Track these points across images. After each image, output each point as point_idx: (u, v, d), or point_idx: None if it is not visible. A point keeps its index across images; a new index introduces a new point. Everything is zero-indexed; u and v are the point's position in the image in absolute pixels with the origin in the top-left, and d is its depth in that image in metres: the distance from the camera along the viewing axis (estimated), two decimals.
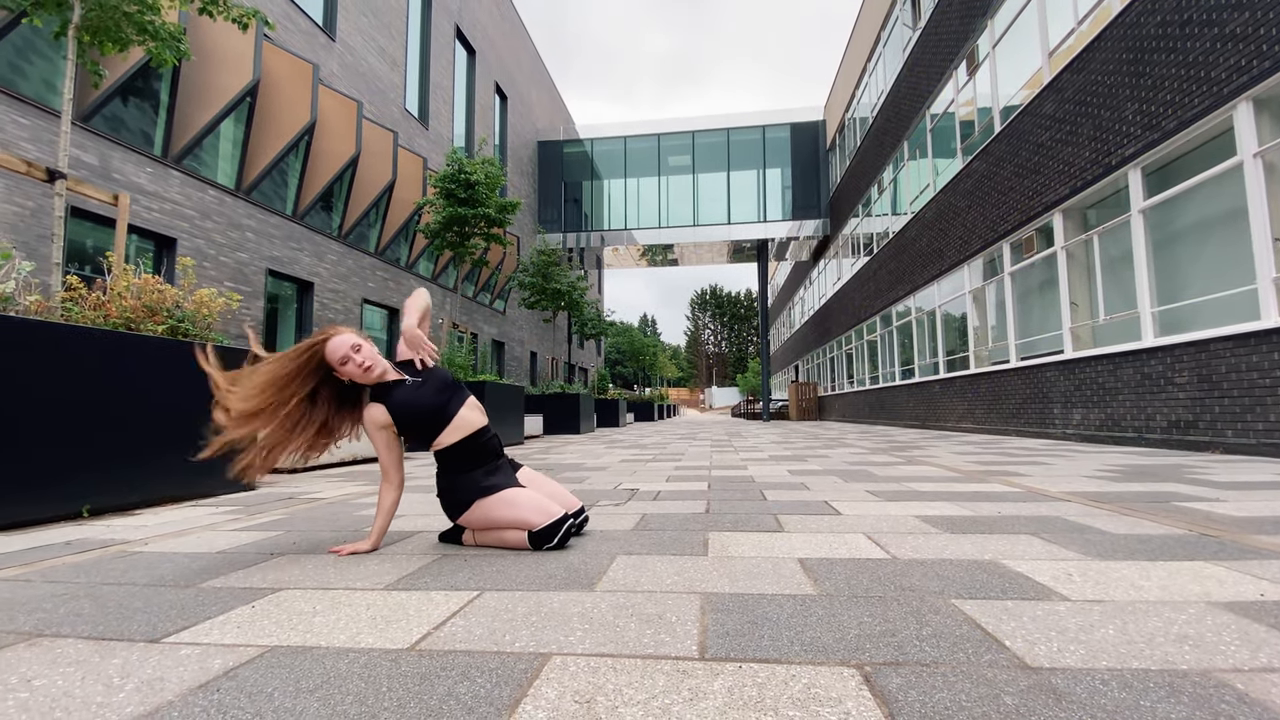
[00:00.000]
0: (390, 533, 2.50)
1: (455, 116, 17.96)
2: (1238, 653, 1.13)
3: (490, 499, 2.11)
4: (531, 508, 2.09)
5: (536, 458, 6.63)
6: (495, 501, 2.11)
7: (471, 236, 8.91)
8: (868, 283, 18.57)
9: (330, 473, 5.37)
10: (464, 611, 1.46)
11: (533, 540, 2.07)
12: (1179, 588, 1.54)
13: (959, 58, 11.80)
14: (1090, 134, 7.57)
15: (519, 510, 2.09)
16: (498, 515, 2.10)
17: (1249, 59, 5.18)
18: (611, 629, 1.32)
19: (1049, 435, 8.46)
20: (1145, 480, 3.73)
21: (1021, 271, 9.63)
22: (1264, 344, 5.07)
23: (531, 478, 2.33)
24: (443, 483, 2.19)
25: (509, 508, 2.09)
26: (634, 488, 3.83)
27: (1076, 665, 1.09)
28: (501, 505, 2.10)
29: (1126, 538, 2.15)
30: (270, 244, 10.82)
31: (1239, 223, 5.44)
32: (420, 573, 1.85)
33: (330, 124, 11.80)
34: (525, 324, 22.91)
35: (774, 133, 25.77)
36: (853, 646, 1.20)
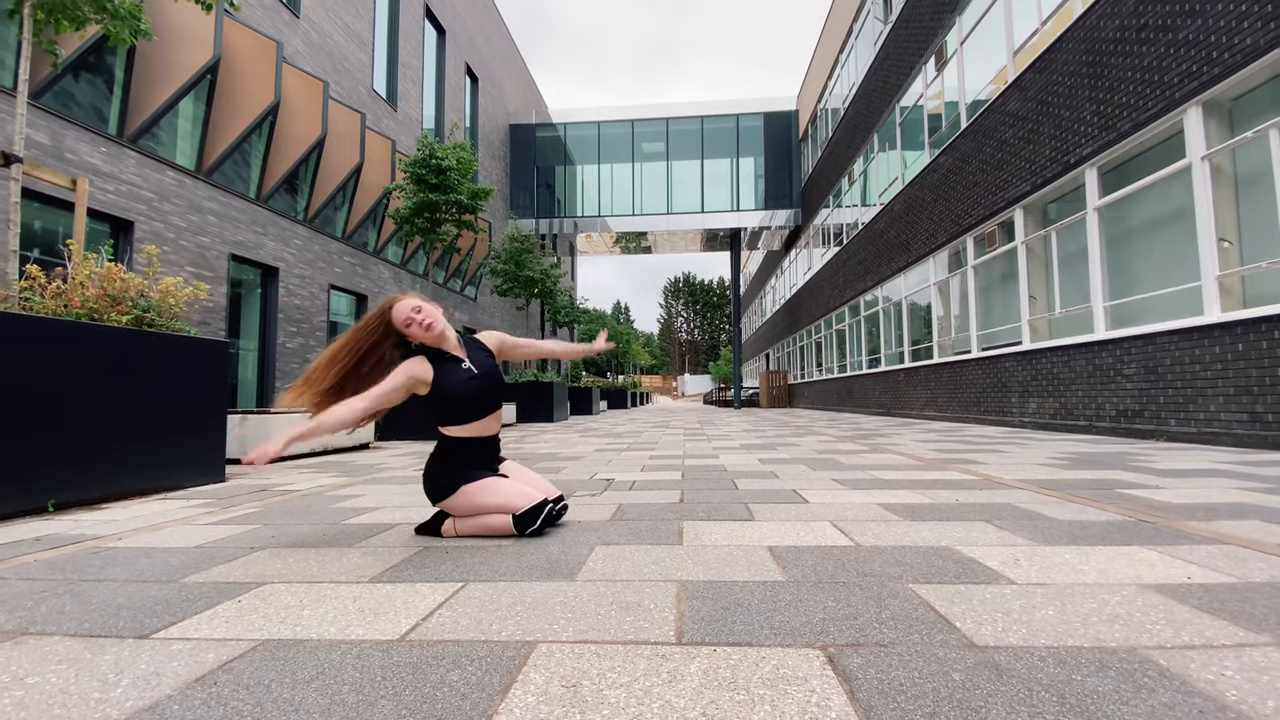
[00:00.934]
0: (369, 525, 2.53)
1: (425, 98, 17.57)
2: (1162, 631, 1.25)
3: (475, 484, 2.20)
4: (515, 493, 2.20)
5: (511, 447, 6.65)
6: (479, 488, 2.19)
7: (443, 223, 8.80)
8: (837, 273, 18.89)
9: (302, 464, 5.32)
10: (450, 603, 1.52)
11: (517, 523, 2.16)
12: (1115, 571, 1.68)
13: (928, 53, 12.01)
14: (1051, 132, 7.82)
15: (502, 495, 2.19)
16: (481, 500, 2.19)
17: (1200, 64, 5.43)
18: (593, 616, 1.39)
19: (1007, 423, 8.81)
20: (1093, 468, 3.95)
21: (984, 265, 9.94)
22: (1206, 338, 5.37)
23: (512, 468, 2.41)
24: (435, 465, 2.26)
25: (493, 494, 2.19)
26: (609, 477, 3.90)
27: (1018, 644, 1.20)
28: (485, 492, 2.19)
29: (1070, 524, 2.30)
30: (234, 228, 10.51)
31: (1187, 222, 5.73)
32: (404, 565, 1.89)
33: (295, 104, 11.46)
34: (498, 311, 22.70)
35: (748, 121, 25.85)
36: (818, 630, 1.29)
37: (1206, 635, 1.23)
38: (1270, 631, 1.23)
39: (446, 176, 8.34)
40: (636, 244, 31.48)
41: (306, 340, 11.96)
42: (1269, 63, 4.88)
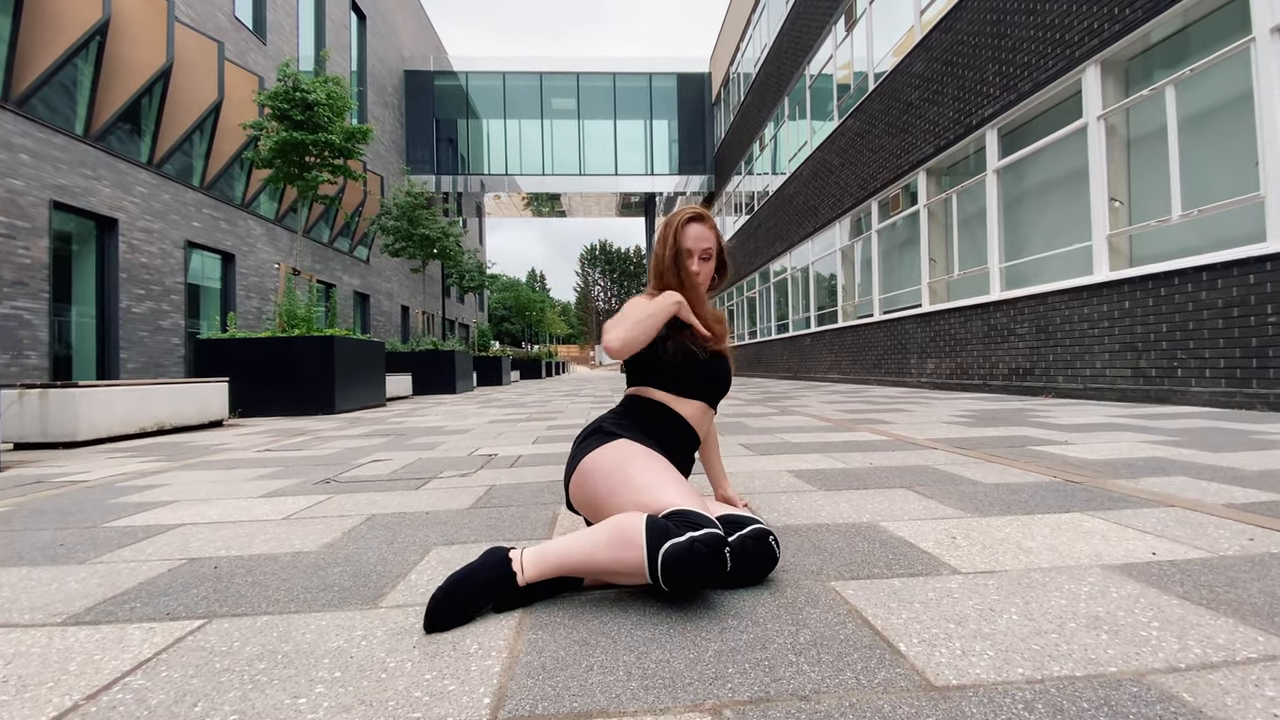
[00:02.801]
0: (135, 529, 1.88)
1: (301, 32, 15.58)
2: (1163, 640, 0.92)
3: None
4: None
5: (392, 421, 5.94)
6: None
7: (314, 168, 7.68)
8: (749, 240, 18.90)
9: (121, 446, 4.40)
10: (158, 660, 0.97)
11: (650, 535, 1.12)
12: (1066, 548, 1.39)
13: (839, 12, 11.86)
14: (955, 94, 7.83)
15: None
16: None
17: (1101, 22, 5.44)
18: (374, 677, 0.90)
19: (906, 384, 9.01)
20: (998, 425, 3.87)
21: (887, 229, 10.04)
22: (1095, 297, 5.51)
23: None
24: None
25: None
26: (492, 453, 3.38)
27: (989, 678, 0.83)
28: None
29: (998, 487, 2.05)
30: (55, 170, 8.79)
31: (1081, 183, 5.82)
32: (139, 590, 1.31)
33: (129, 25, 9.67)
34: (394, 275, 21.09)
35: (661, 82, 25.17)
36: (710, 674, 0.87)
37: (1219, 643, 0.91)
38: None
39: (314, 113, 7.23)
40: (550, 207, 30.33)
41: (158, 305, 10.40)
42: (1169, 18, 4.92)
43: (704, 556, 1.05)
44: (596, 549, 1.11)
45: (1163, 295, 4.86)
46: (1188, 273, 4.67)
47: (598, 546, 1.11)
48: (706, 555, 1.05)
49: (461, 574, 1.10)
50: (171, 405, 5.35)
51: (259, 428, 5.56)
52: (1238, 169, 4.53)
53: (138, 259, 10.04)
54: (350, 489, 2.41)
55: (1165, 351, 4.86)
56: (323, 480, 2.64)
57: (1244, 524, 1.53)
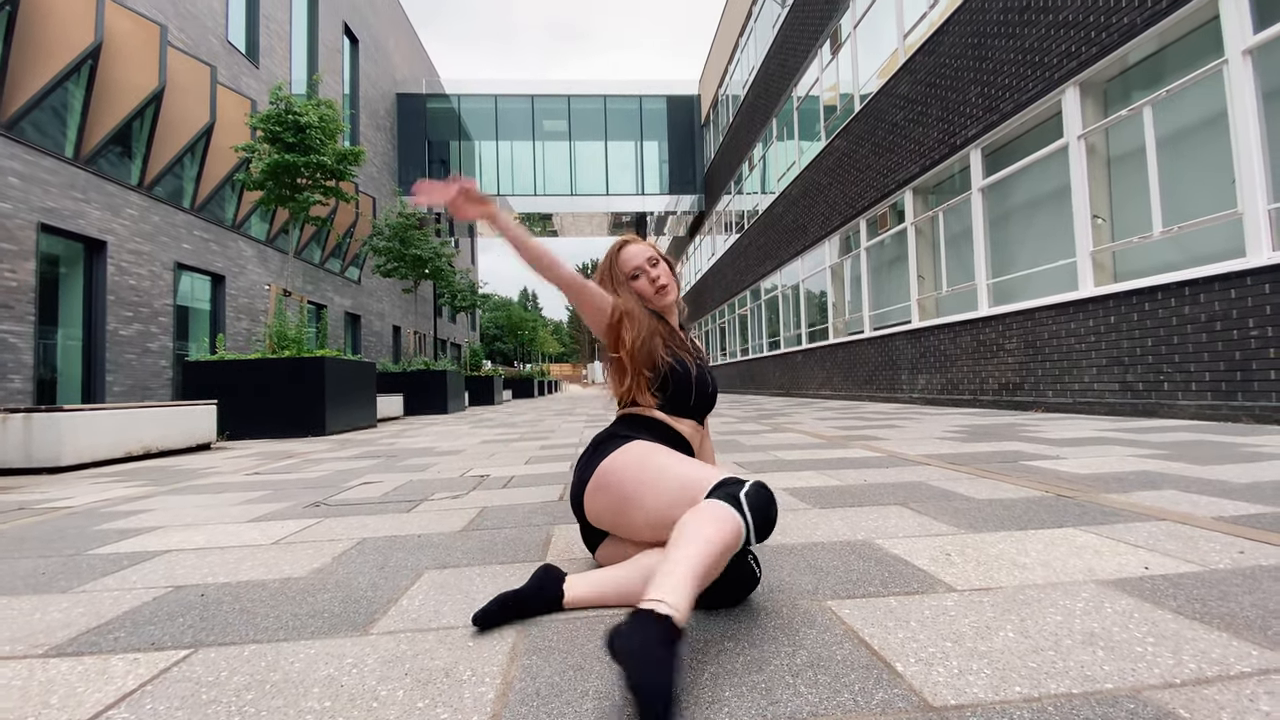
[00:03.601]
0: (120, 556, 1.85)
1: (294, 56, 15.72)
2: (1159, 656, 0.92)
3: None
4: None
5: (383, 443, 5.89)
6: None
7: (305, 190, 7.69)
8: (739, 258, 19.05)
9: (106, 471, 4.33)
10: (143, 691, 0.95)
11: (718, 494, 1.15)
12: (1060, 564, 1.39)
13: (824, 36, 12.11)
14: (939, 115, 7.99)
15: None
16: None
17: (1078, 45, 5.59)
18: (365, 706, 0.88)
19: (897, 399, 9.05)
20: (989, 440, 3.89)
21: (875, 246, 10.16)
22: (1080, 312, 5.58)
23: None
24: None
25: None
26: (484, 474, 3.35)
27: (987, 698, 0.83)
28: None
29: (991, 503, 2.05)
30: (43, 192, 8.76)
31: (1063, 201, 5.93)
32: (123, 620, 1.28)
33: (122, 49, 9.73)
34: (386, 296, 21.05)
35: (651, 104, 25.52)
36: (707, 698, 0.86)
37: (1214, 658, 0.91)
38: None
39: (306, 135, 7.26)
40: (541, 227, 30.44)
41: (146, 327, 10.31)
42: (1145, 41, 5.06)
43: (769, 498, 1.13)
44: (703, 548, 1.00)
45: (1147, 310, 4.93)
46: (1170, 288, 4.75)
47: (701, 543, 1.00)
48: (769, 493, 1.13)
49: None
50: (158, 428, 5.28)
51: (248, 450, 5.50)
52: (1216, 186, 4.63)
53: (126, 281, 9.97)
54: (341, 512, 2.38)
55: (1151, 365, 4.92)
56: (312, 504, 2.61)
57: (1234, 537, 1.54)
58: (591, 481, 1.35)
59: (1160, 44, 5.10)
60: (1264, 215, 4.23)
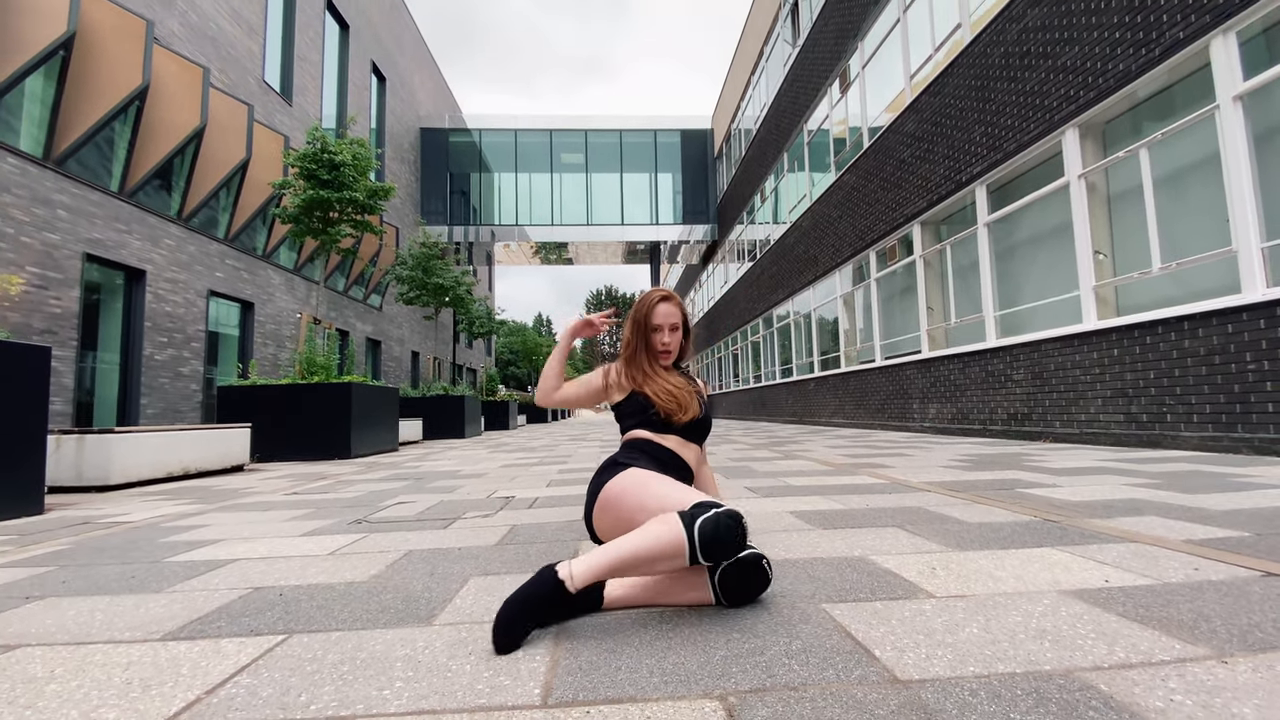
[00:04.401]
0: (196, 564, 2.08)
1: (325, 94, 16.48)
2: (1095, 647, 1.11)
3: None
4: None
5: (408, 465, 6.13)
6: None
7: (338, 223, 8.10)
8: (751, 287, 19.33)
9: (151, 490, 4.60)
10: (256, 665, 1.17)
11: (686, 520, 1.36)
12: (1031, 577, 1.57)
13: (833, 75, 12.53)
14: (945, 152, 8.26)
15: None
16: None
17: (1077, 89, 5.85)
18: (441, 675, 1.09)
19: (909, 429, 9.15)
20: (992, 469, 4.03)
21: (885, 277, 10.37)
22: (1085, 344, 5.73)
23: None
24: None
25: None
26: (509, 495, 3.57)
27: (945, 674, 1.02)
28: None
29: (980, 526, 2.22)
30: (89, 224, 9.28)
31: (1066, 236, 6.13)
32: (218, 614, 1.50)
33: (168, 90, 10.35)
34: (405, 322, 21.56)
35: (665, 138, 26.19)
36: (718, 672, 1.06)
37: (1142, 650, 1.10)
38: (1205, 642, 1.12)
39: (340, 172, 7.69)
40: (557, 255, 31.06)
41: (179, 352, 10.74)
42: (1140, 86, 5.30)
43: (729, 526, 1.29)
44: (642, 542, 1.29)
45: (1148, 343, 5.08)
46: (1170, 322, 4.90)
47: (644, 538, 1.29)
48: (731, 525, 1.29)
49: (520, 594, 1.26)
50: (197, 450, 5.57)
51: (279, 472, 5.76)
52: (1211, 224, 4.82)
53: (163, 308, 10.43)
54: (383, 528, 2.60)
55: (1154, 397, 5.05)
56: (355, 520, 2.83)
57: (1193, 556, 1.70)
58: (596, 504, 1.63)
59: (1155, 89, 5.34)
60: (1257, 253, 4.40)
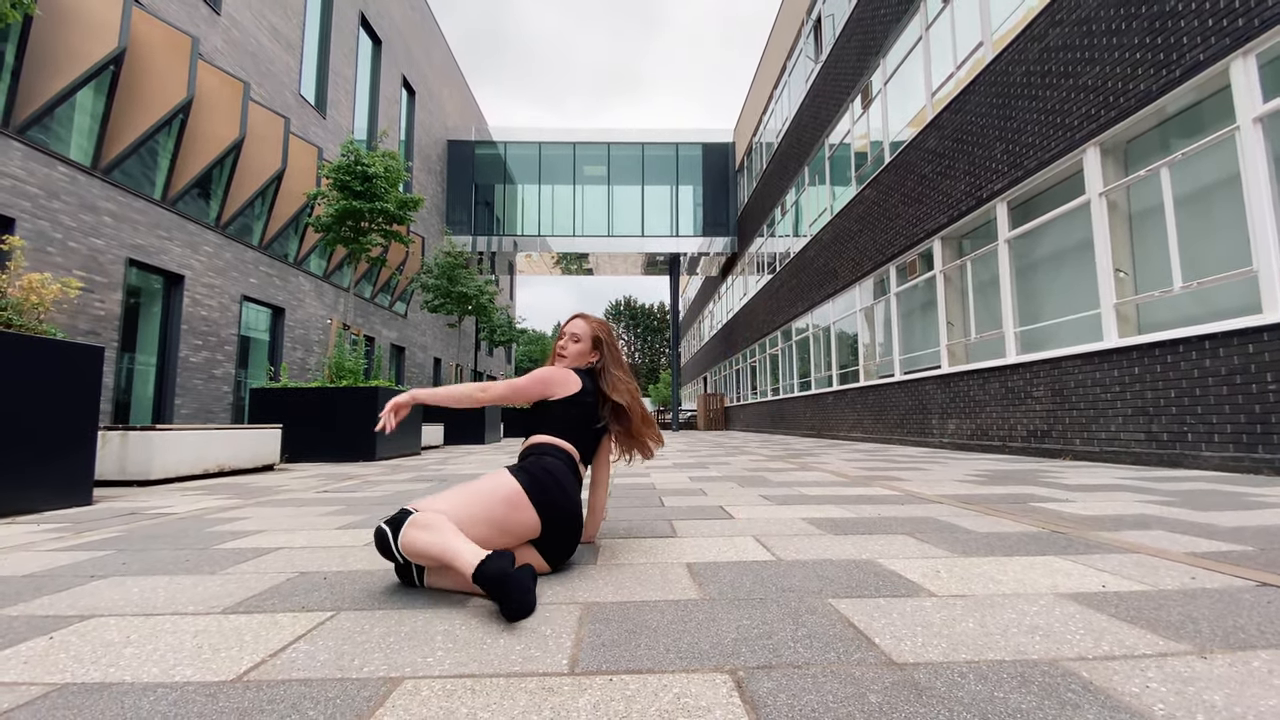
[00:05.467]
0: (244, 550, 2.24)
1: (357, 107, 16.99)
2: (1082, 641, 1.19)
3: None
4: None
5: (431, 468, 6.29)
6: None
7: (368, 233, 8.38)
8: (770, 299, 19.37)
9: (188, 486, 4.81)
10: (311, 635, 1.30)
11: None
12: (1031, 581, 1.64)
13: (855, 91, 12.62)
14: (965, 169, 8.29)
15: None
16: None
17: (1098, 108, 5.88)
18: (478, 646, 1.21)
19: (928, 444, 9.12)
20: (1007, 484, 4.06)
21: (905, 292, 10.38)
22: (1106, 362, 5.72)
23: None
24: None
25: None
26: None
27: (938, 659, 1.11)
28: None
29: (988, 535, 2.29)
30: (133, 230, 9.69)
31: (1087, 254, 6.13)
32: (271, 593, 1.64)
33: (210, 103, 10.79)
34: (429, 329, 21.95)
35: (687, 151, 26.42)
36: (728, 651, 1.16)
37: (1126, 645, 1.17)
38: (1189, 639, 1.19)
39: (373, 184, 7.97)
40: (578, 265, 31.35)
41: (213, 354, 11.10)
42: (1160, 107, 5.33)
43: (379, 530, 1.63)
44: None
45: (1169, 362, 5.06)
46: (1191, 341, 4.89)
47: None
48: (379, 529, 1.63)
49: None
50: (231, 449, 5.79)
51: (308, 472, 5.96)
52: (1232, 244, 4.81)
53: (199, 312, 10.81)
54: None
55: (1175, 416, 5.02)
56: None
57: (1192, 566, 1.76)
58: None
59: (1176, 109, 5.36)
60: (1277, 274, 4.39)
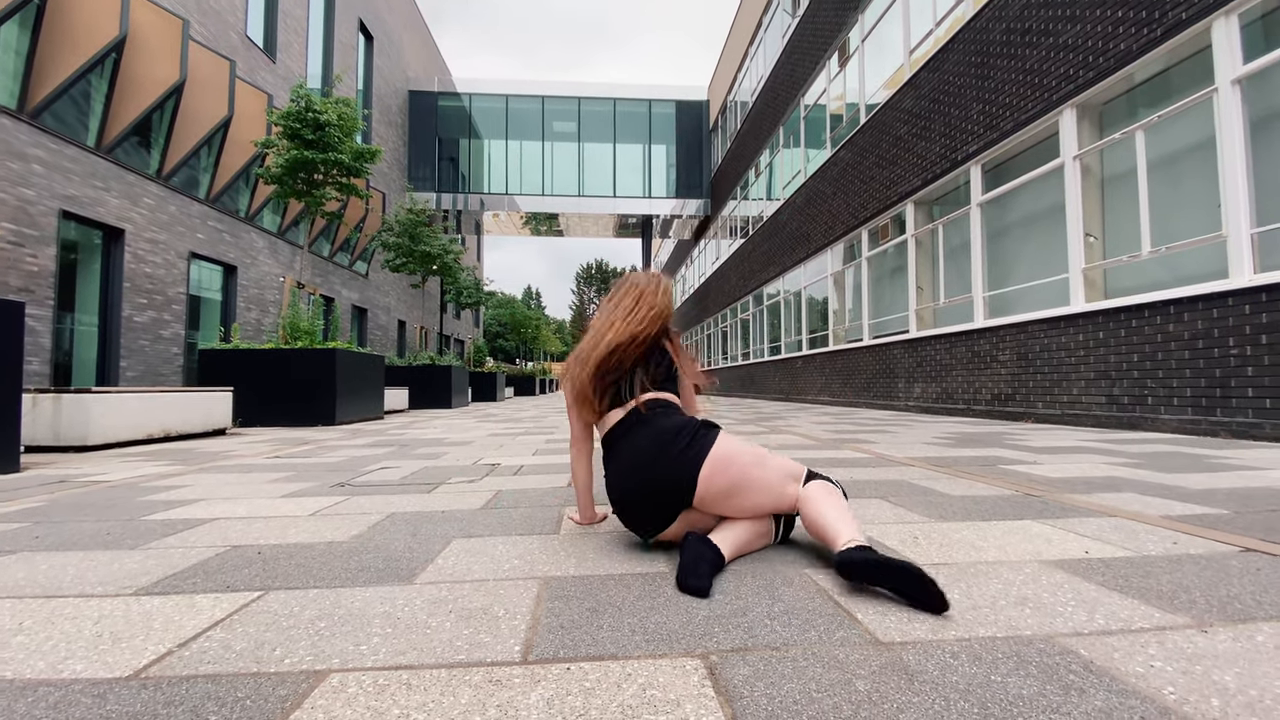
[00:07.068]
0: (174, 521, 2.05)
1: (310, 52, 15.96)
2: (1075, 614, 1.12)
3: None
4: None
5: (393, 433, 6.09)
6: None
7: (322, 186, 7.90)
8: (743, 264, 19.25)
9: (131, 452, 4.54)
10: (231, 620, 1.15)
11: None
12: (1013, 547, 1.58)
13: (832, 48, 12.32)
14: (941, 130, 8.18)
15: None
16: None
17: (1076, 68, 5.78)
18: (420, 631, 1.08)
19: (894, 407, 9.23)
20: (975, 446, 4.07)
21: (876, 256, 10.35)
22: (1071, 326, 5.77)
23: None
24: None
25: None
26: (495, 463, 3.55)
27: (926, 637, 1.02)
28: None
29: (963, 499, 2.24)
30: (66, 180, 8.99)
31: (1058, 218, 6.12)
32: (194, 571, 1.48)
33: (146, 42, 9.96)
34: (392, 289, 21.27)
35: (660, 108, 25.74)
36: (700, 632, 1.05)
37: (1121, 618, 1.10)
38: (1185, 611, 1.13)
39: (325, 133, 7.48)
40: (548, 226, 30.66)
41: (160, 314, 10.53)
42: (1140, 67, 5.25)
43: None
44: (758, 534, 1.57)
45: (1134, 327, 5.12)
46: (1156, 306, 4.93)
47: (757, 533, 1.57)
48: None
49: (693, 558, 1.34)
50: (178, 413, 5.49)
51: (262, 437, 5.70)
52: (1202, 209, 4.82)
53: (142, 269, 10.19)
54: (366, 491, 2.58)
55: (1136, 380, 5.11)
56: (337, 484, 2.80)
57: (1172, 531, 1.72)
58: (710, 462, 1.50)
59: (1155, 70, 5.29)
60: (1247, 239, 4.42)
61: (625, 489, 1.57)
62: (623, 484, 1.58)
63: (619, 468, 1.60)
